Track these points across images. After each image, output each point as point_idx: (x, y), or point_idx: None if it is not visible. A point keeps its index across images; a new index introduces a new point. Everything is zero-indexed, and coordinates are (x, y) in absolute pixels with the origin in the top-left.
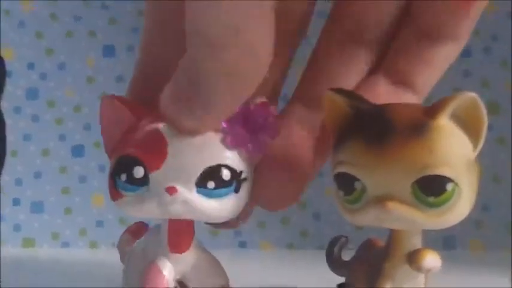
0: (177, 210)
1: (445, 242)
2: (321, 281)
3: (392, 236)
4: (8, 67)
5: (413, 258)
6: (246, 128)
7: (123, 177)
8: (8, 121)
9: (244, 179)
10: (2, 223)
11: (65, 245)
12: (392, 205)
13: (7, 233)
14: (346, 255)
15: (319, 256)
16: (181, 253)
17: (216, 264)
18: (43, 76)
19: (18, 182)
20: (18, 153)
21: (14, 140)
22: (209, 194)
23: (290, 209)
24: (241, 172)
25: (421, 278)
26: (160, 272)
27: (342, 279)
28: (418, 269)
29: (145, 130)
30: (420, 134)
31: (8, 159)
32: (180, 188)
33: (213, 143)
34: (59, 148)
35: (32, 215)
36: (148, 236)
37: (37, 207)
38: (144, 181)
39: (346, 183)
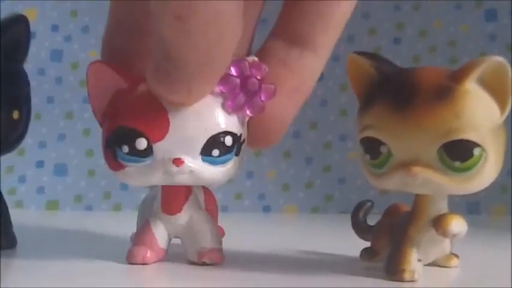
0: (184, 179)
1: (469, 207)
2: (345, 245)
3: (417, 200)
4: (32, 28)
5: (438, 224)
6: (244, 91)
7: (125, 148)
8: (32, 83)
9: (243, 141)
10: (25, 185)
11: (89, 208)
12: (417, 169)
13: (31, 195)
14: (372, 220)
15: (343, 220)
16: (172, 214)
17: (208, 226)
18: (67, 38)
19: (42, 144)
20: (42, 116)
21: (37, 102)
22: (214, 162)
23: (314, 172)
24: (240, 135)
25: (447, 243)
26: (150, 231)
27: (366, 244)
28: (444, 234)
29: (143, 99)
30: (446, 98)
31: (32, 122)
32: (186, 159)
33: (213, 109)
34: (82, 110)
35: (55, 178)
36: (151, 191)
37: (61, 170)
38: (147, 152)
39: (372, 147)
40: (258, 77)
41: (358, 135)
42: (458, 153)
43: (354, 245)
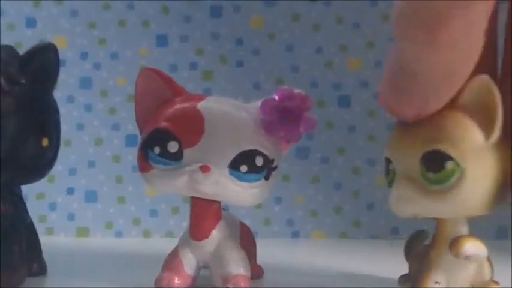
0: (207, 190)
1: (499, 231)
2: (374, 270)
3: (437, 224)
4: (61, 56)
5: (452, 245)
6: (281, 117)
7: (157, 150)
8: (62, 110)
9: (275, 167)
10: (56, 212)
11: (118, 234)
12: (403, 182)
13: (61, 222)
14: (399, 246)
15: (372, 246)
16: (200, 240)
17: (236, 254)
18: (96, 66)
19: (72, 171)
20: (71, 143)
21: (67, 129)
22: (240, 178)
23: (343, 198)
24: (273, 160)
25: (484, 269)
26: (178, 257)
27: (393, 269)
28: (456, 255)
29: (182, 106)
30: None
31: (62, 149)
32: (213, 168)
33: (249, 127)
34: (112, 137)
35: (85, 204)
36: None
37: (91, 197)
38: (177, 156)
39: (386, 166)
40: (300, 107)
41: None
42: (432, 163)
43: (382, 270)
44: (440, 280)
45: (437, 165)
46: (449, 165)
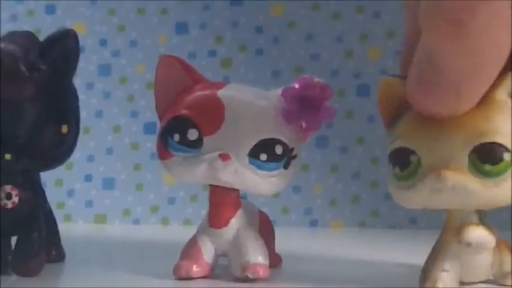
0: (226, 178)
1: None
2: (392, 260)
3: (448, 214)
4: (80, 43)
5: (457, 232)
6: (302, 106)
7: (176, 137)
8: (81, 97)
9: (294, 156)
10: (74, 199)
11: (136, 221)
12: (448, 173)
13: (79, 209)
14: (418, 236)
15: (390, 235)
16: (219, 228)
17: (255, 242)
18: (115, 53)
19: (90, 158)
20: (90, 130)
21: (86, 116)
22: (260, 166)
23: (361, 187)
24: (292, 149)
25: (486, 256)
26: (197, 245)
27: (412, 259)
28: (459, 242)
29: (202, 94)
30: (478, 103)
31: (80, 136)
32: (232, 156)
33: (269, 115)
34: (130, 124)
35: (103, 191)
36: None
37: (109, 184)
38: (197, 144)
39: (401, 157)
40: (321, 96)
41: (388, 151)
42: (489, 156)
43: (400, 260)
44: (449, 268)
45: (495, 157)
46: (507, 157)
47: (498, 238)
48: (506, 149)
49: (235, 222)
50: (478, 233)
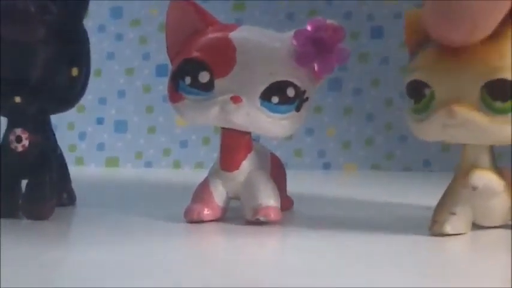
0: (238, 121)
1: None
2: (406, 203)
3: (462, 154)
4: None
5: (466, 176)
6: (315, 48)
7: (188, 80)
8: (92, 40)
9: (306, 99)
10: (85, 142)
11: (148, 164)
12: (457, 108)
13: (91, 152)
14: (432, 179)
15: (404, 178)
16: (230, 171)
17: (266, 185)
18: None
19: (102, 101)
20: (102, 72)
21: (98, 58)
22: (272, 109)
23: (375, 130)
24: (304, 91)
25: (500, 200)
26: (208, 188)
27: (424, 201)
28: (465, 186)
29: (214, 36)
30: (492, 39)
31: (92, 78)
32: (244, 99)
33: (283, 58)
34: (143, 67)
35: (115, 134)
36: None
37: (120, 127)
38: (208, 87)
39: (416, 90)
40: (334, 38)
41: (405, 83)
42: (500, 92)
43: (414, 202)
44: (459, 212)
45: (505, 94)
46: None
47: None
48: None
49: (247, 165)
50: (486, 177)
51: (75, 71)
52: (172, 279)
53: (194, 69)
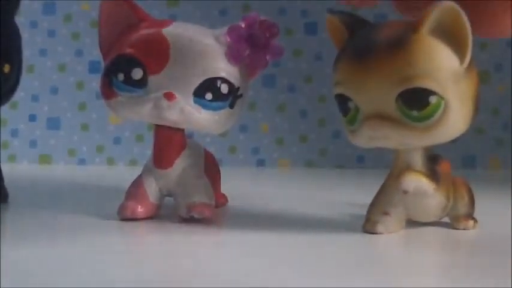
0: (172, 117)
1: (464, 161)
2: (339, 200)
3: (394, 156)
4: None
5: (397, 178)
6: (249, 44)
7: (120, 76)
8: (25, 36)
9: (240, 96)
10: (18, 139)
11: (82, 161)
12: (378, 122)
13: (23, 149)
14: (365, 176)
15: (337, 174)
16: (164, 169)
17: (200, 182)
18: None
19: (35, 97)
20: (35, 69)
21: (30, 55)
22: (205, 106)
23: (309, 126)
24: (238, 88)
25: (432, 199)
26: (142, 186)
27: (358, 199)
28: (397, 188)
29: (147, 32)
30: (400, 47)
31: (24, 75)
32: (178, 96)
33: (216, 54)
34: (75, 63)
35: (48, 131)
36: None
37: (53, 124)
38: (141, 83)
39: (342, 104)
40: (267, 35)
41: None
42: (414, 101)
43: (348, 200)
44: (391, 212)
45: (421, 102)
46: (433, 99)
47: (453, 175)
48: (432, 92)
49: (181, 163)
50: (416, 180)
51: (7, 68)
52: (105, 278)
53: (127, 65)
